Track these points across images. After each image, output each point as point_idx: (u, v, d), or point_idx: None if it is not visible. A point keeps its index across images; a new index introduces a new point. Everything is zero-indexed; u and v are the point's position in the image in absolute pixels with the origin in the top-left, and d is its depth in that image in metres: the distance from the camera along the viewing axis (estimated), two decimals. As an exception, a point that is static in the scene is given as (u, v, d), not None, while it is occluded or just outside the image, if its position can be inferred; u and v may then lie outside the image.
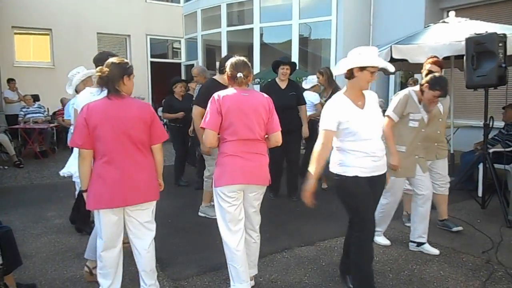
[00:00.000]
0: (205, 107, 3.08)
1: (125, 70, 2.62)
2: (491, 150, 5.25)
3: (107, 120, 2.50)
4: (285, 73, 5.14)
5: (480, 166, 5.06)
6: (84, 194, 2.62)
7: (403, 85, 8.83)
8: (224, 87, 3.24)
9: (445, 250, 3.71)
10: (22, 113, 8.76)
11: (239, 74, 2.77)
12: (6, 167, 7.41)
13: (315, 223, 4.33)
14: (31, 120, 8.60)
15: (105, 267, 2.70)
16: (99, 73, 2.56)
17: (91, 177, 2.57)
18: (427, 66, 3.96)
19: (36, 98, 9.17)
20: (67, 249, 3.79)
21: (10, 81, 9.38)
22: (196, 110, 4.18)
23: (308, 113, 5.49)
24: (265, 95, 2.91)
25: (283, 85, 5.20)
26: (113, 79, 2.56)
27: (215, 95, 2.78)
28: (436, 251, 3.62)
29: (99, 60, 3.21)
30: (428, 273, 3.26)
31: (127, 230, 2.73)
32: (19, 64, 10.47)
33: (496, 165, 4.84)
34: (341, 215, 4.50)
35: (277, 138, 2.86)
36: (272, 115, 2.85)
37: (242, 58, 2.87)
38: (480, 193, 5.03)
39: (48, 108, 9.12)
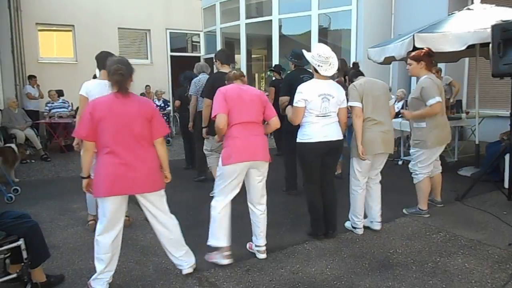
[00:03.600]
0: (211, 97, 3.97)
1: (132, 69, 2.81)
2: (518, 140, 5.11)
3: (111, 115, 2.69)
4: None
5: (506, 157, 4.93)
6: (84, 181, 2.83)
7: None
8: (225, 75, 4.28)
9: (470, 242, 3.65)
10: (47, 108, 8.98)
11: (233, 71, 3.57)
12: (33, 161, 7.63)
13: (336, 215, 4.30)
14: (56, 115, 8.81)
15: (100, 252, 2.82)
16: (120, 72, 2.70)
17: (96, 167, 2.76)
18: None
19: (60, 93, 9.38)
20: (92, 240, 3.83)
21: (32, 77, 9.56)
22: (205, 101, 4.80)
23: None
24: (258, 90, 3.57)
25: None
26: (127, 77, 2.74)
27: (220, 88, 3.32)
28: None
29: (101, 59, 3.73)
30: (452, 266, 3.21)
31: (145, 212, 2.95)
32: (43, 60, 10.71)
33: (523, 156, 4.71)
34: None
35: (275, 121, 3.40)
36: (267, 104, 3.40)
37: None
38: (506, 184, 4.90)
39: (72, 103, 9.32)
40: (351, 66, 4.29)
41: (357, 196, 3.89)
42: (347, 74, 4.18)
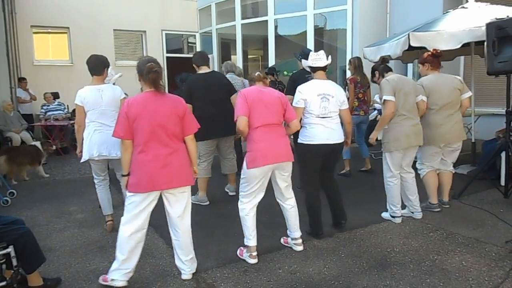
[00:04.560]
0: (190, 102, 4.19)
1: (162, 67, 2.91)
2: (514, 138, 5.12)
3: (145, 113, 2.79)
4: None
5: (503, 155, 4.94)
6: (125, 178, 2.93)
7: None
8: (202, 76, 4.66)
9: (467, 240, 3.65)
10: (43, 110, 8.95)
11: (257, 73, 3.50)
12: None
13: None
14: (52, 117, 8.78)
15: (121, 242, 2.88)
16: (155, 69, 2.79)
17: (132, 164, 2.86)
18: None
19: (56, 95, 9.34)
20: (89, 242, 3.87)
21: (22, 80, 9.46)
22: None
23: None
24: (279, 91, 3.52)
25: None
26: (161, 74, 2.84)
27: (242, 91, 3.40)
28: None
29: (91, 63, 3.93)
30: (449, 264, 3.21)
31: (168, 208, 2.99)
32: (38, 63, 10.65)
33: (519, 153, 4.72)
34: (359, 206, 4.50)
35: (295, 124, 3.43)
36: (287, 106, 3.38)
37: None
38: (502, 182, 4.91)
39: (67, 105, 9.28)
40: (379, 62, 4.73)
41: (393, 187, 4.09)
42: (377, 69, 4.35)
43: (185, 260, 3.06)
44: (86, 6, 11.05)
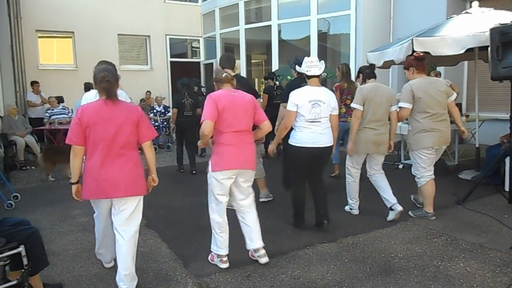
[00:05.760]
0: None
1: (118, 75, 2.88)
2: (518, 143, 5.10)
3: (98, 121, 2.73)
4: None
5: (507, 160, 4.92)
6: (74, 187, 2.88)
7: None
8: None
9: (472, 246, 3.63)
10: (47, 114, 8.98)
11: (225, 74, 3.34)
12: (33, 167, 7.62)
13: (337, 220, 4.29)
14: (56, 121, 8.81)
15: (102, 247, 3.13)
16: (107, 79, 2.74)
17: (85, 171, 2.82)
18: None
19: (60, 99, 9.37)
20: (92, 246, 3.84)
21: (34, 83, 9.52)
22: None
23: None
24: (249, 94, 3.38)
25: None
26: (114, 84, 2.78)
27: (212, 95, 3.22)
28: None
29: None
30: (454, 270, 3.19)
31: (113, 215, 2.91)
32: (43, 67, 10.74)
33: (523, 159, 4.70)
34: (363, 211, 4.48)
35: (267, 125, 3.37)
36: (257, 109, 3.33)
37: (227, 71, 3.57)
38: (507, 188, 4.89)
39: (72, 109, 9.31)
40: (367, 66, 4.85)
41: (351, 184, 4.46)
42: (362, 72, 4.47)
43: (124, 275, 2.85)
44: (91, 11, 11.15)
